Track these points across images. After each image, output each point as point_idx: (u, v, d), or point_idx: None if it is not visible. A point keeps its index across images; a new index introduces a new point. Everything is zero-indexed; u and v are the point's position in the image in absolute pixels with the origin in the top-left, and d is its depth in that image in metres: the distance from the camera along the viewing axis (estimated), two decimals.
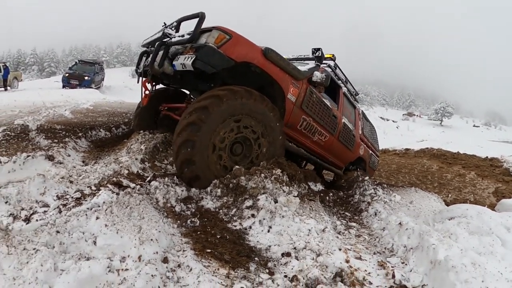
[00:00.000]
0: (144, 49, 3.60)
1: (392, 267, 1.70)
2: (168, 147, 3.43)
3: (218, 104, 2.45)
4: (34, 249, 1.21)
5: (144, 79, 3.29)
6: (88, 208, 1.53)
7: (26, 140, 3.01)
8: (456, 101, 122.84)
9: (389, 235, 2.13)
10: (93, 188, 1.97)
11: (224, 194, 2.27)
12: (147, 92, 3.34)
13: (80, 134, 3.71)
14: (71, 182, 2.13)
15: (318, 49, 4.05)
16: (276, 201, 2.12)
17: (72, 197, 1.78)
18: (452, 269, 1.46)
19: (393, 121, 39.21)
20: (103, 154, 3.31)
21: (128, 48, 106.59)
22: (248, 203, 2.11)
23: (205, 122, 2.38)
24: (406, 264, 1.77)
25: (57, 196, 1.81)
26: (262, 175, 2.38)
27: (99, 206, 1.56)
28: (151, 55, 3.13)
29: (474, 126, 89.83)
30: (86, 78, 16.25)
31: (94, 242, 1.33)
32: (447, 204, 5.28)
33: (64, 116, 5.14)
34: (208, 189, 2.34)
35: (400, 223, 2.13)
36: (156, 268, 1.25)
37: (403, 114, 79.11)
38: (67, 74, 16.26)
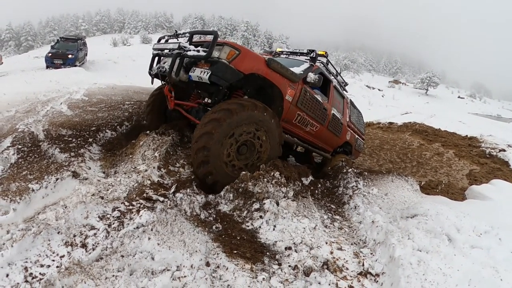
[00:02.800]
0: (156, 52, 4.02)
1: (363, 256, 2.33)
2: (177, 148, 3.87)
3: (230, 116, 2.95)
4: (113, 275, 1.67)
5: (165, 86, 3.78)
6: (135, 228, 2.01)
7: (43, 156, 3.17)
8: (443, 70, 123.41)
9: (364, 229, 2.73)
10: (126, 203, 2.39)
11: (235, 197, 2.82)
12: (171, 97, 3.83)
13: (90, 140, 3.93)
14: (102, 198, 2.43)
15: (313, 51, 4.71)
16: (278, 204, 2.69)
17: (113, 216, 2.21)
18: (401, 266, 2.00)
19: (379, 89, 39.67)
20: (117, 160, 3.59)
21: (108, 15, 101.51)
22: (256, 206, 2.68)
23: (217, 132, 2.90)
24: (373, 255, 2.35)
25: (99, 217, 2.17)
26: (265, 179, 2.93)
27: (144, 226, 2.04)
28: (162, 58, 3.90)
29: (459, 97, 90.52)
30: (69, 56, 15.86)
31: (152, 258, 1.82)
32: (422, 187, 5.90)
33: (63, 114, 5.16)
34: (222, 193, 2.87)
35: (372, 221, 2.71)
36: (204, 272, 1.81)
37: (389, 81, 79.16)
38: (50, 54, 15.77)
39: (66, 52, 16.18)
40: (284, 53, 5.33)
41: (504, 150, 8.87)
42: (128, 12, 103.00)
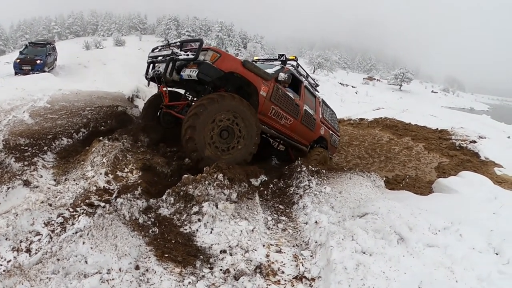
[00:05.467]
0: (151, 59, 4.88)
1: (302, 259, 2.36)
2: (127, 154, 3.93)
3: (212, 103, 3.65)
4: (47, 278, 1.75)
5: (160, 85, 4.55)
6: (73, 233, 2.07)
7: None
8: (417, 66, 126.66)
9: (308, 230, 2.73)
10: (71, 210, 2.45)
11: (176, 201, 2.88)
12: (164, 93, 4.55)
13: (45, 148, 3.98)
14: (50, 205, 2.54)
15: (282, 55, 5.59)
16: (217, 207, 2.75)
17: (57, 222, 2.27)
18: (333, 271, 1.98)
19: (352, 86, 40.37)
20: (70, 167, 3.63)
21: (81, 17, 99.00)
22: (195, 209, 2.74)
23: (202, 114, 3.57)
24: (313, 258, 2.34)
25: (44, 223, 2.26)
26: (206, 182, 3.00)
27: (82, 231, 2.10)
28: (156, 64, 4.67)
29: (432, 92, 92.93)
30: (38, 62, 15.39)
31: (86, 262, 1.89)
32: (388, 181, 6.07)
33: (24, 123, 5.16)
34: (164, 197, 2.93)
35: (316, 221, 2.72)
36: (132, 275, 1.88)
37: (363, 78, 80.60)
38: (18, 60, 15.25)
39: (35, 58, 15.72)
40: (260, 60, 6.04)
41: (474, 142, 9.05)
42: (101, 14, 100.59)
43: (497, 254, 2.42)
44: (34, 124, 5.20)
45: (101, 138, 4.06)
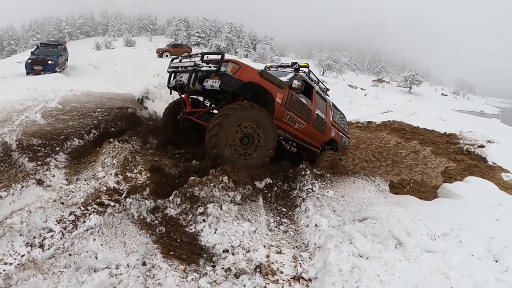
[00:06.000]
0: (172, 70, 5.17)
1: (301, 260, 2.45)
2: (136, 155, 4.08)
3: (242, 110, 3.96)
4: (59, 271, 1.88)
5: (184, 94, 4.95)
6: (84, 231, 2.20)
7: (13, 166, 3.40)
8: (427, 68, 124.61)
9: (308, 232, 2.81)
10: (82, 208, 2.60)
11: (183, 202, 3.00)
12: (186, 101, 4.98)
13: (57, 148, 4.14)
14: (62, 203, 2.69)
15: (295, 63, 5.90)
16: (221, 208, 2.86)
17: (69, 220, 2.41)
18: (328, 272, 2.05)
19: (361, 88, 40.03)
20: (81, 168, 3.79)
21: (91, 18, 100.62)
22: (201, 210, 2.85)
23: (231, 117, 3.86)
24: (311, 259, 2.43)
25: (56, 220, 2.40)
26: (212, 184, 3.13)
27: (92, 228, 2.23)
28: (177, 74, 4.98)
29: (442, 94, 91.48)
30: (49, 62, 15.73)
31: (96, 257, 2.01)
32: (393, 186, 6.10)
33: (37, 123, 5.29)
34: (171, 198, 3.05)
35: (316, 224, 2.80)
36: (139, 270, 2.00)
37: (373, 80, 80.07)
38: (29, 60, 15.62)
39: (46, 58, 16.07)
40: (273, 67, 6.37)
41: (482, 146, 8.91)
42: (112, 15, 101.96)
43: (496, 261, 2.42)
44: (46, 124, 5.33)
45: (111, 139, 4.23)
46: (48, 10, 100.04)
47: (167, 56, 28.79)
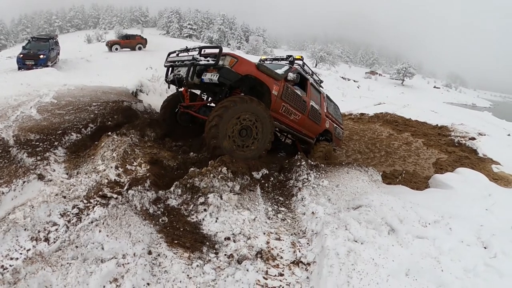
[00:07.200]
0: (169, 64, 5.20)
1: (299, 246, 2.57)
2: (135, 148, 4.11)
3: (242, 102, 4.07)
4: (67, 263, 1.93)
5: (183, 88, 5.06)
6: (89, 223, 2.25)
7: (12, 161, 3.39)
8: (420, 61, 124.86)
9: (305, 220, 2.93)
10: (85, 201, 2.64)
11: (184, 192, 3.09)
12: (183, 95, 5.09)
13: (56, 143, 4.14)
14: (64, 197, 2.71)
15: (290, 56, 6.03)
16: (221, 198, 2.95)
17: (73, 213, 2.45)
18: (326, 256, 2.17)
19: (354, 80, 40.15)
20: (80, 162, 3.82)
21: (82, 10, 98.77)
22: (201, 199, 2.95)
23: (231, 109, 3.95)
24: (309, 245, 2.56)
25: (60, 214, 2.43)
26: (211, 175, 3.21)
27: (97, 220, 2.28)
28: (175, 68, 5.01)
29: (434, 87, 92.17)
30: (41, 56, 15.52)
31: (102, 248, 2.08)
32: (385, 176, 6.23)
33: (32, 118, 5.27)
34: (172, 189, 3.13)
35: (312, 212, 2.92)
36: (146, 259, 2.07)
37: (365, 73, 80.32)
38: (21, 55, 15.36)
39: (38, 53, 15.84)
40: (268, 60, 6.46)
41: (473, 139, 9.04)
42: (102, 7, 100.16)
43: (485, 248, 2.55)
44: (42, 119, 5.29)
45: (109, 133, 4.24)
46: (38, 3, 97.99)
47: (116, 49, 26.46)
